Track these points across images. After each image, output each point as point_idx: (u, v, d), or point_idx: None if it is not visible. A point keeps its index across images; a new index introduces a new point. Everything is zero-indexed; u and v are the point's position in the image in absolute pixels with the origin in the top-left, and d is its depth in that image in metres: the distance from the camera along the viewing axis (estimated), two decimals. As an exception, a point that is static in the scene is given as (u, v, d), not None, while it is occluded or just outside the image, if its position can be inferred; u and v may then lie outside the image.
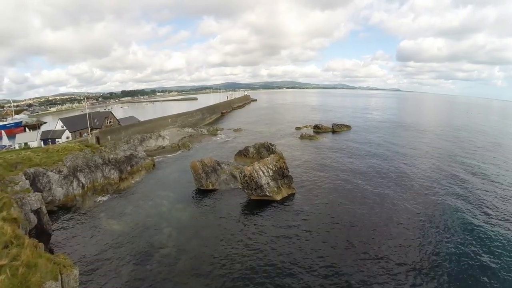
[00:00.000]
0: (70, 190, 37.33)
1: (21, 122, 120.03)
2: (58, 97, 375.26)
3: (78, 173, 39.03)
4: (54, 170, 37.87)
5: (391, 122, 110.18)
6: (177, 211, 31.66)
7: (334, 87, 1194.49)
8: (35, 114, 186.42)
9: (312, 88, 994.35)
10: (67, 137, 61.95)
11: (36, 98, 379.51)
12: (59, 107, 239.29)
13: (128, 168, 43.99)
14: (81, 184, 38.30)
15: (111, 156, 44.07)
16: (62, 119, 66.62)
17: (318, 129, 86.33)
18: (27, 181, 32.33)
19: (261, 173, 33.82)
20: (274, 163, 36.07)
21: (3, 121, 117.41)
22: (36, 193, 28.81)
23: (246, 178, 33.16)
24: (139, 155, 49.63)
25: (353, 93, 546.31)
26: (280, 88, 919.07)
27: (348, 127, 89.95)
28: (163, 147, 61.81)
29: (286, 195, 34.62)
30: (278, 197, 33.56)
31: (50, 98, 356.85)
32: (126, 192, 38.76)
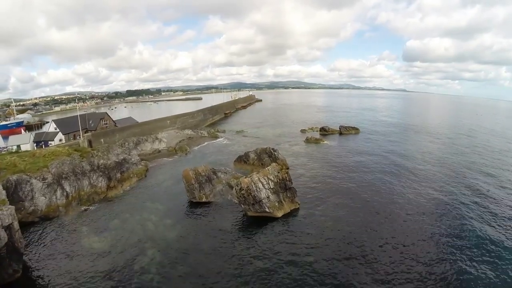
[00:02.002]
0: (53, 199, 34.29)
1: (22, 122, 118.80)
2: (64, 96, 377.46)
3: (63, 181, 35.96)
4: (38, 178, 34.95)
5: (399, 124, 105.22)
6: (165, 228, 28.17)
7: (340, 87, 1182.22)
8: (39, 113, 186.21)
9: (318, 88, 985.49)
10: (60, 140, 59.16)
11: (42, 97, 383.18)
12: (63, 106, 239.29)
13: (118, 175, 40.80)
14: (65, 193, 35.21)
15: (101, 161, 40.93)
16: (55, 121, 63.53)
17: (324, 131, 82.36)
18: (4, 192, 29.58)
19: (260, 185, 30.02)
20: (276, 174, 32.26)
21: (6, 121, 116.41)
22: (9, 206, 25.94)
23: (242, 192, 29.38)
24: (132, 160, 46.48)
25: (359, 94, 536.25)
26: (286, 88, 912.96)
27: (356, 129, 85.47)
28: (159, 151, 58.51)
29: (289, 211, 30.57)
30: (279, 214, 29.58)
31: (56, 98, 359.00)
32: (113, 202, 35.55)
